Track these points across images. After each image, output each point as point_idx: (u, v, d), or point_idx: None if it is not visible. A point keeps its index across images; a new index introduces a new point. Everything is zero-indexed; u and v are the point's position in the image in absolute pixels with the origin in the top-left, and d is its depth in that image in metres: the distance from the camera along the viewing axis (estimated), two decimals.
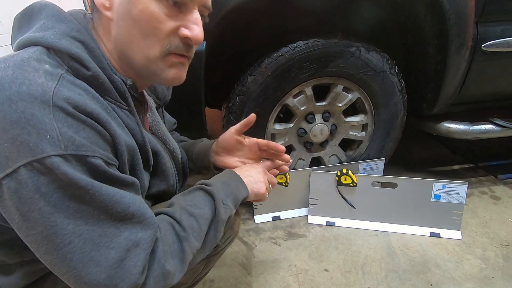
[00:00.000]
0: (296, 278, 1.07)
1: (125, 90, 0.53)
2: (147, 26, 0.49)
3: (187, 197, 0.60)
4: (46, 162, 0.40)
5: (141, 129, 0.56)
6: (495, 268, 1.09)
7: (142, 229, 0.47)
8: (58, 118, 0.41)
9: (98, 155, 0.44)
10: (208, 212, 0.59)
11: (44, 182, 0.41)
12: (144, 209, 0.48)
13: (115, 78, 0.51)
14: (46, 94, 0.41)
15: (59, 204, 0.42)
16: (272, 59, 1.12)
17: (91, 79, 0.48)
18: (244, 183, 0.68)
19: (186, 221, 0.54)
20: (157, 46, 0.51)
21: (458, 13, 1.06)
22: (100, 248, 0.44)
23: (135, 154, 0.54)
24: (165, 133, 0.72)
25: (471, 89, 1.27)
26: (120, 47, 0.52)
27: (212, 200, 0.60)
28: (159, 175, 0.65)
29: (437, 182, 1.19)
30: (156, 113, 0.72)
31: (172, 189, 0.71)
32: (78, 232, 0.43)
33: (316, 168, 1.30)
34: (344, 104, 1.26)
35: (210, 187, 0.62)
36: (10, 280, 0.53)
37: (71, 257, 0.43)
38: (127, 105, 0.54)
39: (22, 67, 0.43)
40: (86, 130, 0.44)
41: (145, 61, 0.52)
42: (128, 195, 0.47)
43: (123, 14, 0.49)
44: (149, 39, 0.50)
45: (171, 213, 0.55)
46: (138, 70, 0.54)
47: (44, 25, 0.49)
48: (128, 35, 0.50)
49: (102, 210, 0.44)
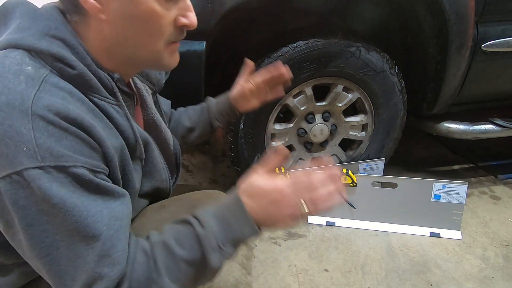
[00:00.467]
0: (296, 278, 1.07)
1: (112, 85, 0.52)
2: (152, 24, 0.50)
3: (177, 228, 0.52)
4: (24, 175, 0.40)
5: (131, 123, 0.55)
6: (495, 268, 1.09)
7: (109, 263, 0.44)
8: (37, 127, 0.40)
9: (80, 164, 0.43)
10: (194, 257, 0.49)
11: (22, 195, 0.41)
12: (117, 239, 0.45)
13: (101, 74, 0.50)
14: (24, 103, 0.40)
15: (38, 217, 0.42)
16: (272, 59, 1.12)
17: (77, 78, 0.47)
18: (253, 224, 0.51)
19: (163, 261, 0.48)
20: (161, 40, 0.52)
21: (458, 13, 1.06)
22: (75, 267, 0.44)
23: (124, 154, 0.53)
24: (157, 122, 0.70)
25: (471, 89, 1.27)
26: (118, 46, 0.51)
27: (201, 247, 0.49)
28: (150, 169, 0.64)
29: (437, 182, 1.19)
30: (149, 101, 0.70)
31: (166, 184, 0.70)
32: (55, 246, 0.43)
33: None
34: (344, 104, 1.26)
35: (203, 229, 0.49)
36: (7, 280, 0.53)
37: (49, 268, 0.43)
38: (116, 100, 0.53)
39: (3, 74, 0.42)
40: (69, 139, 0.43)
41: (150, 55, 0.53)
42: (105, 220, 0.45)
43: (122, 14, 0.48)
44: (154, 36, 0.51)
45: (153, 245, 0.50)
46: (138, 64, 0.55)
47: (21, 25, 0.47)
48: (130, 35, 0.50)
49: (75, 231, 0.43)
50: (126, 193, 0.51)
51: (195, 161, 1.81)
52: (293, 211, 0.50)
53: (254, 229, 0.51)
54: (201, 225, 0.50)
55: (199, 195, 0.74)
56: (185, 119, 0.90)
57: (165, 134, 0.73)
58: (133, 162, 0.57)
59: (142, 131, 0.60)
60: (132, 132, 0.55)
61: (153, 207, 0.69)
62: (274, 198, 0.50)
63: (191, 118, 0.90)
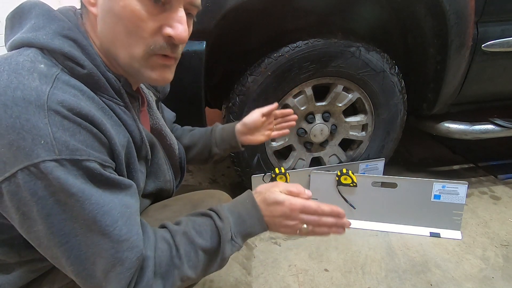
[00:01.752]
0: (296, 278, 1.07)
1: (120, 86, 0.53)
2: (129, 24, 0.48)
3: (196, 220, 0.57)
4: (40, 167, 0.41)
5: (138, 124, 0.56)
6: (495, 268, 1.09)
7: (128, 247, 0.47)
8: (53, 122, 0.42)
9: (92, 158, 0.44)
10: (212, 246, 0.55)
11: (41, 186, 0.42)
12: (131, 225, 0.48)
13: (109, 75, 0.51)
14: (40, 99, 0.41)
15: (56, 207, 0.43)
16: (272, 59, 1.12)
17: (87, 77, 0.48)
18: (263, 222, 0.57)
19: (184, 248, 0.53)
20: (140, 45, 0.50)
21: (458, 13, 1.06)
22: (93, 253, 0.46)
23: (131, 153, 0.54)
24: (162, 127, 0.72)
25: (471, 89, 1.27)
26: (106, 43, 0.51)
27: (219, 237, 0.55)
28: (155, 170, 0.65)
29: (437, 182, 1.19)
30: (154, 106, 0.72)
31: (170, 185, 0.71)
32: (74, 233, 0.44)
33: (316, 168, 1.30)
34: (344, 104, 1.26)
35: (221, 222, 0.55)
36: (9, 279, 0.54)
37: (69, 254, 0.45)
38: (123, 101, 0.54)
39: (17, 71, 0.43)
40: (82, 133, 0.44)
41: (128, 59, 0.51)
42: (118, 208, 0.47)
43: (106, 10, 0.49)
44: (132, 38, 0.49)
45: (173, 234, 0.54)
46: (124, 68, 0.53)
47: (35, 24, 0.49)
48: (112, 32, 0.50)
49: (92, 220, 0.44)
50: (133, 183, 0.52)
51: None
52: (296, 227, 0.57)
53: (264, 227, 0.58)
54: (219, 218, 0.56)
55: (201, 195, 0.76)
56: (185, 137, 0.90)
57: (170, 139, 0.74)
58: (139, 162, 0.58)
59: (148, 133, 0.62)
60: (139, 133, 0.56)
61: (156, 206, 0.70)
62: (283, 211, 0.56)
63: (193, 138, 0.90)
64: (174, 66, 0.56)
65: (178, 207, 0.69)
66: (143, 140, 0.58)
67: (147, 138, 0.59)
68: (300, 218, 0.57)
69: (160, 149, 0.67)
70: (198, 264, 0.54)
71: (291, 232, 0.58)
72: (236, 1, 0.96)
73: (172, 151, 0.75)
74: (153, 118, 0.70)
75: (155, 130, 0.70)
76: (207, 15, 0.96)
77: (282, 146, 1.31)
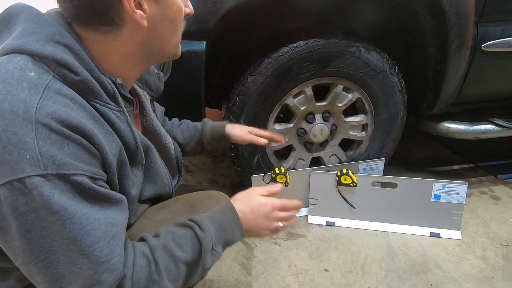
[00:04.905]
0: (296, 278, 1.07)
1: (114, 90, 0.52)
2: (179, 20, 0.56)
3: (176, 232, 0.56)
4: (26, 182, 0.40)
5: (132, 129, 0.55)
6: (495, 268, 1.09)
7: (107, 269, 0.45)
8: (40, 135, 0.41)
9: (81, 172, 0.44)
10: (192, 258, 0.54)
11: (22, 201, 0.41)
12: (114, 245, 0.47)
13: (103, 79, 0.51)
14: (28, 111, 0.41)
15: (36, 224, 0.42)
16: (272, 59, 1.12)
17: (79, 84, 0.47)
18: (242, 229, 0.60)
19: (164, 263, 0.51)
20: (180, 31, 0.58)
21: (458, 13, 1.06)
22: (70, 272, 0.44)
23: (122, 160, 0.53)
24: (157, 128, 0.71)
25: (471, 89, 1.27)
26: (149, 46, 0.54)
27: (200, 247, 0.55)
28: (152, 174, 0.64)
29: (437, 182, 1.19)
30: (148, 106, 0.70)
31: (168, 189, 0.70)
32: (53, 251, 0.43)
33: (316, 168, 1.30)
34: (344, 104, 1.26)
35: (202, 232, 0.55)
36: (7, 283, 0.53)
37: (45, 271, 0.44)
38: (117, 105, 0.53)
39: (6, 80, 0.42)
40: (71, 146, 0.43)
41: (174, 48, 0.58)
42: (102, 227, 0.45)
43: (161, 18, 0.52)
44: (179, 30, 0.57)
45: (152, 249, 0.52)
46: (159, 59, 0.61)
47: (25, 30, 0.47)
48: (164, 34, 0.54)
49: (72, 240, 0.43)
50: (124, 198, 0.51)
51: (195, 161, 1.81)
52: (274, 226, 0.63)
53: (243, 233, 0.60)
54: (200, 228, 0.56)
55: (200, 196, 0.75)
56: (178, 134, 0.91)
57: (165, 139, 0.74)
58: (134, 167, 0.58)
59: (142, 137, 0.61)
60: (133, 138, 0.56)
61: (154, 208, 0.69)
62: (267, 211, 0.62)
63: (184, 135, 0.92)
64: None
65: (176, 208, 0.69)
66: (137, 144, 0.57)
67: (141, 142, 0.59)
68: (279, 216, 0.63)
69: (156, 153, 0.66)
70: (179, 277, 0.53)
71: (270, 232, 0.63)
72: (236, 1, 0.96)
73: (168, 151, 0.74)
74: (146, 119, 0.69)
75: (150, 131, 0.69)
76: (207, 15, 0.96)
77: (282, 146, 1.31)
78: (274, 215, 0.63)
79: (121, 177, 0.54)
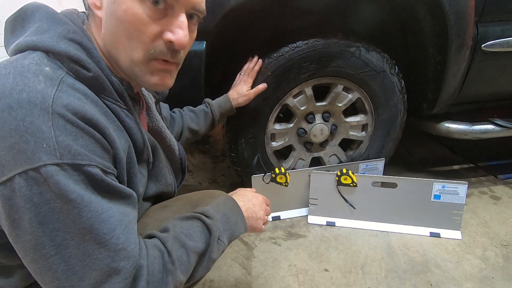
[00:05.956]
0: (296, 278, 1.07)
1: (123, 90, 0.53)
2: (130, 27, 0.48)
3: (183, 224, 0.58)
4: (41, 171, 0.40)
5: (140, 127, 0.56)
6: (495, 268, 1.09)
7: (125, 257, 0.46)
8: (57, 125, 0.41)
9: (94, 163, 0.44)
10: (201, 247, 0.56)
11: (37, 192, 0.41)
12: (129, 233, 0.47)
13: (113, 78, 0.52)
14: (45, 101, 0.41)
15: (49, 215, 0.42)
16: (272, 59, 1.12)
17: (92, 80, 0.49)
18: (244, 219, 0.65)
19: (176, 253, 0.52)
20: (140, 50, 0.50)
21: (458, 13, 1.06)
22: (83, 266, 0.43)
23: (131, 158, 0.54)
24: (162, 129, 0.72)
25: (471, 89, 1.27)
26: (108, 47, 0.52)
27: (209, 235, 0.57)
28: (156, 173, 0.65)
29: (437, 182, 1.19)
30: (154, 109, 0.72)
31: (171, 188, 0.71)
32: (65, 245, 0.43)
33: (316, 168, 1.30)
34: (344, 104, 1.26)
35: (209, 219, 0.58)
36: (10, 281, 0.53)
37: (56, 268, 0.43)
38: (126, 104, 0.54)
39: (23, 73, 0.43)
40: (85, 138, 0.44)
41: (129, 63, 0.51)
42: (117, 216, 0.46)
43: (110, 14, 0.49)
44: (133, 41, 0.49)
45: (163, 240, 0.53)
46: (125, 72, 0.54)
47: (40, 27, 0.49)
48: (114, 35, 0.50)
49: (87, 229, 0.43)
50: (133, 193, 0.51)
51: (195, 161, 1.81)
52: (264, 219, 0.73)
53: (244, 222, 0.65)
54: (207, 217, 0.59)
55: (201, 195, 0.76)
56: (190, 122, 0.99)
57: (170, 141, 0.75)
58: (140, 165, 0.58)
59: (150, 136, 0.62)
60: (141, 136, 0.56)
61: (156, 207, 0.70)
62: (260, 200, 0.74)
63: (196, 121, 1.01)
64: (175, 72, 0.56)
65: (177, 208, 0.69)
66: (145, 143, 0.58)
67: (149, 141, 0.59)
68: (266, 208, 0.74)
69: (161, 152, 0.67)
70: (190, 267, 0.54)
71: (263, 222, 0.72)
72: (236, 1, 0.96)
73: (173, 152, 0.75)
74: (152, 120, 0.70)
75: (155, 131, 0.70)
76: (207, 15, 0.96)
77: (282, 146, 1.31)
78: (264, 206, 0.74)
79: (130, 174, 0.54)
